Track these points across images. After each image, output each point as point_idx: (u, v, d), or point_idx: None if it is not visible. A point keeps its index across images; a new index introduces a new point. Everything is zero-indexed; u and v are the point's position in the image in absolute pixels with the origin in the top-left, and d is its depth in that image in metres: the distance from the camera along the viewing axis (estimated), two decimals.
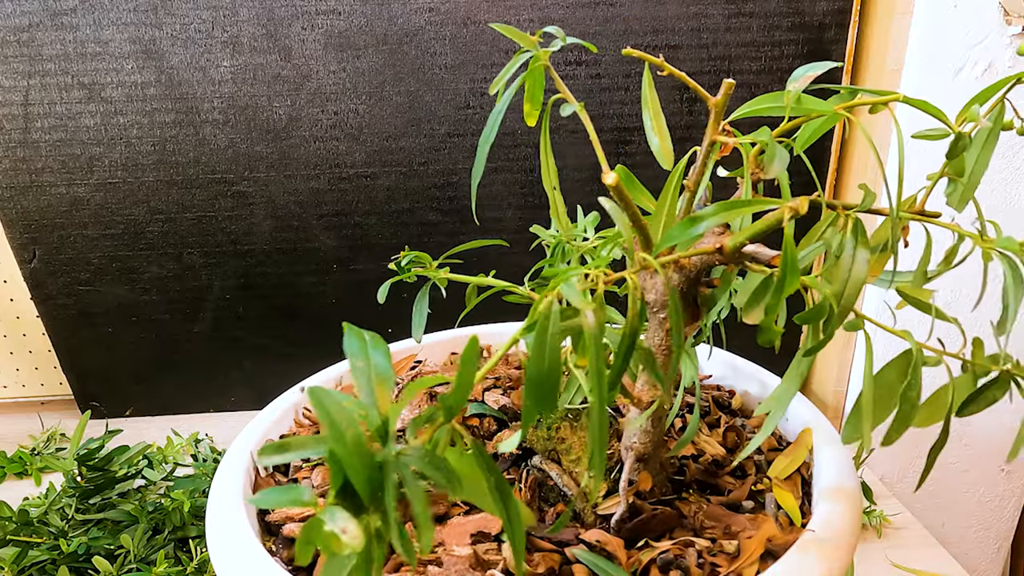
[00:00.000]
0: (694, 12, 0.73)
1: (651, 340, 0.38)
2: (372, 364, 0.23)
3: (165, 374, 0.89)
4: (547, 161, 0.40)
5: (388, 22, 0.73)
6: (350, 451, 0.19)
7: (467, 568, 0.36)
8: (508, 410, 0.50)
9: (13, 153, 0.76)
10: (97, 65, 0.73)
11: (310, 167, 0.79)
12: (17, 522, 0.60)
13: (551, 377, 0.23)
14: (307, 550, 0.20)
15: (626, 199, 0.30)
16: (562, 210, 0.43)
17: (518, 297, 0.46)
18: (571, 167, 0.79)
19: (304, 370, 0.56)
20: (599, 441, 0.24)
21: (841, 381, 0.83)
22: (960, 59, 0.68)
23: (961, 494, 0.85)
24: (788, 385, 0.33)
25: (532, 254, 0.81)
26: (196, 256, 0.82)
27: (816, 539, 0.35)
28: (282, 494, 0.20)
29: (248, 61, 0.74)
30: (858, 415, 0.31)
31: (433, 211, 0.81)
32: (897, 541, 0.68)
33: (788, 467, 0.44)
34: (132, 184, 0.78)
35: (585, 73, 0.75)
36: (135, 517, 0.61)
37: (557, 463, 0.43)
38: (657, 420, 0.39)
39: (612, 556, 0.36)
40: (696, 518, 0.40)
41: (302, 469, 0.47)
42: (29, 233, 0.80)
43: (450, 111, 0.77)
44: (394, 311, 0.66)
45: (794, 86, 0.32)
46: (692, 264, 0.34)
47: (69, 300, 0.83)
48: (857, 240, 0.29)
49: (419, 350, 0.62)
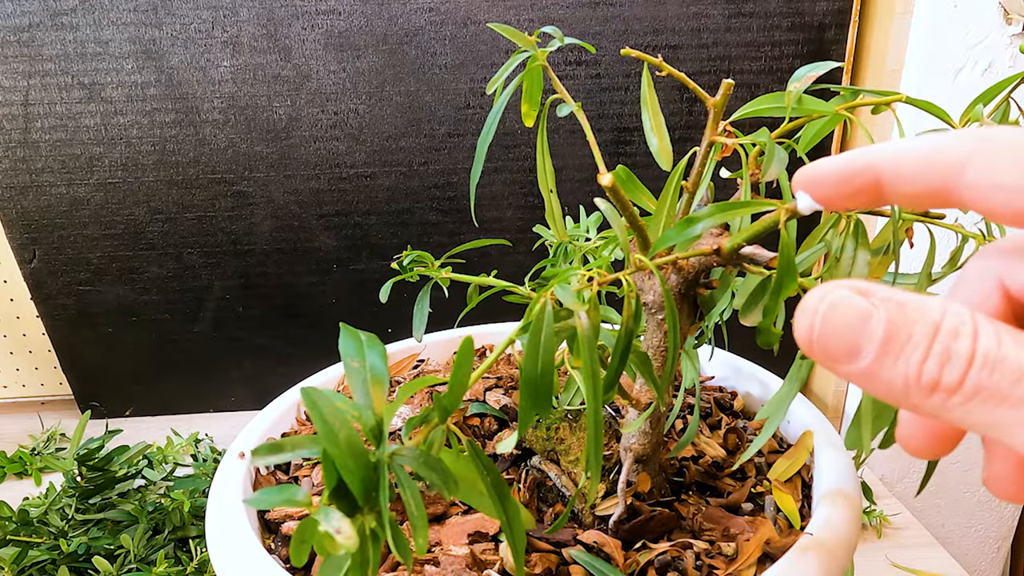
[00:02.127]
0: (694, 12, 0.73)
1: (649, 341, 0.38)
2: (368, 365, 0.23)
3: (165, 374, 0.89)
4: (544, 163, 0.40)
5: (388, 22, 0.73)
6: (344, 451, 0.19)
7: (464, 568, 0.35)
8: (509, 410, 0.50)
9: (13, 153, 0.76)
10: (97, 65, 0.73)
11: (310, 167, 0.79)
12: (17, 522, 0.60)
13: (545, 378, 0.23)
14: (302, 550, 0.20)
15: (622, 200, 0.30)
16: (558, 213, 0.43)
17: (518, 297, 0.46)
18: (571, 167, 0.78)
19: (304, 370, 0.56)
20: (595, 442, 0.24)
21: (841, 382, 0.83)
22: (960, 59, 0.68)
23: (961, 494, 0.84)
24: (788, 388, 0.33)
25: (533, 254, 0.81)
26: (196, 256, 0.82)
27: (814, 542, 0.35)
28: (277, 494, 0.20)
29: (248, 61, 0.74)
30: (859, 423, 0.30)
31: (433, 211, 0.81)
32: (897, 541, 0.67)
33: (788, 470, 0.44)
34: (132, 184, 0.78)
35: (585, 73, 0.75)
36: (135, 517, 0.61)
37: (556, 464, 0.43)
38: (656, 421, 0.39)
39: (609, 557, 0.36)
40: (695, 520, 0.40)
41: (303, 467, 0.47)
42: (29, 233, 0.80)
43: (450, 111, 0.77)
44: (394, 311, 0.66)
45: (795, 86, 0.32)
46: (690, 265, 0.34)
47: (69, 300, 0.83)
48: (858, 242, 0.29)
49: (421, 349, 0.62)
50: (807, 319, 0.17)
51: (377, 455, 0.21)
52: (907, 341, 0.16)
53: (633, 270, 0.28)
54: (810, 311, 0.17)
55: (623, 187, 0.32)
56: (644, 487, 0.40)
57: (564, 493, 0.42)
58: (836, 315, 0.17)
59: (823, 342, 0.17)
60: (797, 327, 0.18)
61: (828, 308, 0.17)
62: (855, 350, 0.17)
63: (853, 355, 0.17)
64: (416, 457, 0.21)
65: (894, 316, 0.16)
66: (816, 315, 0.17)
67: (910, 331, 0.16)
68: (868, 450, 0.31)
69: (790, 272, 0.25)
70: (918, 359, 0.16)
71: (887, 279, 0.35)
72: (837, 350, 0.17)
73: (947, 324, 0.16)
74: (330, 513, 0.19)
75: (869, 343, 0.16)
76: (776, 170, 0.29)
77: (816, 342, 0.17)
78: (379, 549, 0.20)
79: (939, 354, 0.16)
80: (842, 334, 0.17)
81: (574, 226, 0.50)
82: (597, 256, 0.45)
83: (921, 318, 0.16)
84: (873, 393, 0.17)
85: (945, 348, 0.16)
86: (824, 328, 0.17)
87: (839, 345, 0.17)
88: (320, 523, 0.19)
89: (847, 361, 0.17)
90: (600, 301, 0.29)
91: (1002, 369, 0.15)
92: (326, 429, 0.20)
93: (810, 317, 0.17)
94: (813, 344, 0.17)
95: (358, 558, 0.20)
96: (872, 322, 0.16)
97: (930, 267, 0.34)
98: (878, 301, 0.17)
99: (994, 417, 0.15)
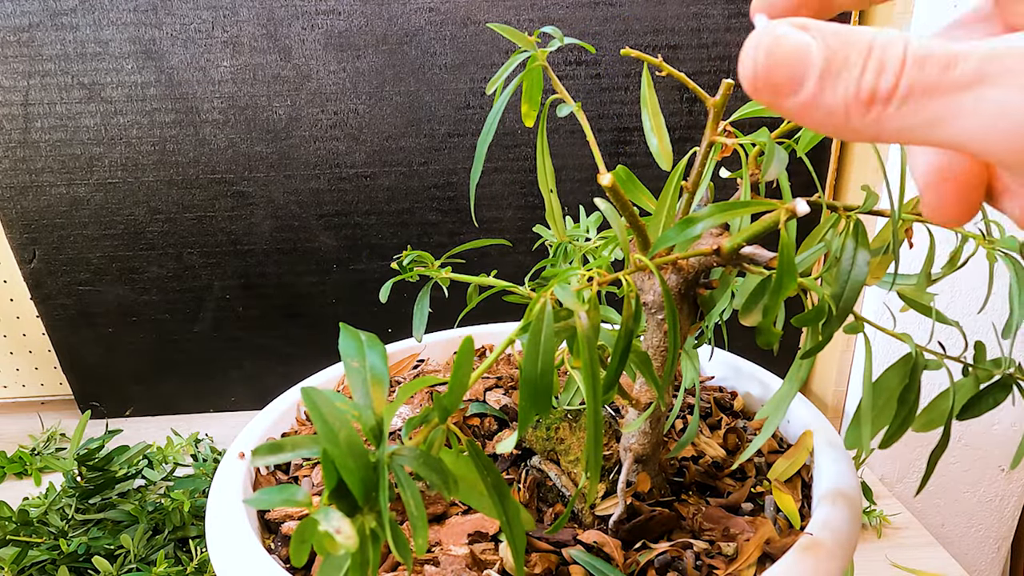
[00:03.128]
0: (694, 12, 0.73)
1: (649, 341, 0.38)
2: (368, 364, 0.23)
3: (165, 374, 0.89)
4: (544, 163, 0.40)
5: (388, 22, 0.73)
6: (343, 451, 0.19)
7: (464, 568, 0.35)
8: (509, 410, 0.50)
9: (13, 153, 0.76)
10: (97, 65, 0.73)
11: (310, 167, 0.79)
12: (17, 522, 0.60)
13: (544, 378, 0.23)
14: (302, 550, 0.20)
15: (622, 200, 0.30)
16: (558, 213, 0.43)
17: (518, 297, 0.46)
18: (572, 167, 0.78)
19: (304, 370, 0.56)
20: (595, 442, 0.24)
21: (841, 382, 0.83)
22: None
23: (961, 494, 0.84)
24: (788, 388, 0.33)
25: (533, 254, 0.81)
26: (196, 256, 0.82)
27: (814, 542, 0.35)
28: (277, 494, 0.20)
29: (248, 61, 0.74)
30: (859, 423, 0.30)
31: (433, 211, 0.81)
32: (897, 541, 0.67)
33: (788, 470, 0.44)
34: (132, 184, 0.78)
35: (585, 73, 0.75)
36: (135, 517, 0.61)
37: (556, 464, 0.43)
38: (655, 421, 0.39)
39: (609, 557, 0.36)
40: (695, 520, 0.40)
41: (303, 467, 0.47)
42: (29, 233, 0.80)
43: (450, 111, 0.77)
44: (394, 311, 0.66)
45: None
46: (690, 265, 0.34)
47: (69, 300, 0.83)
48: (858, 242, 0.29)
49: (422, 349, 0.62)
50: (750, 55, 0.18)
51: (377, 455, 0.21)
52: (844, 64, 0.17)
53: (633, 270, 0.28)
54: (753, 47, 0.18)
55: (623, 187, 0.32)
56: (644, 487, 0.40)
57: (564, 493, 0.42)
58: (779, 48, 0.17)
59: (768, 75, 0.18)
60: (742, 65, 0.18)
61: (771, 41, 0.17)
62: (798, 79, 0.17)
63: (796, 84, 0.17)
64: (416, 457, 0.21)
65: (831, 42, 0.17)
66: (759, 49, 0.18)
67: (847, 54, 0.17)
68: (868, 450, 0.31)
69: (790, 272, 0.25)
70: (855, 76, 0.17)
71: (887, 279, 0.35)
72: (780, 81, 0.17)
73: (879, 40, 0.17)
74: (330, 513, 0.19)
75: (811, 70, 0.17)
76: (776, 170, 0.29)
77: (761, 77, 0.18)
78: (379, 549, 0.20)
79: (874, 67, 0.16)
80: (785, 65, 0.17)
81: (574, 226, 0.50)
82: (597, 256, 0.45)
83: (857, 40, 0.17)
84: (817, 127, 0.18)
85: (878, 59, 0.16)
86: (768, 60, 0.18)
87: (782, 76, 0.17)
88: (320, 523, 0.19)
89: (791, 92, 0.17)
90: (600, 301, 0.29)
91: (931, 62, 0.16)
92: (326, 429, 0.20)
93: (753, 53, 0.18)
94: (758, 79, 0.18)
95: (358, 558, 0.20)
96: (812, 51, 0.17)
97: (930, 267, 0.34)
98: (816, 33, 0.17)
99: (929, 113, 0.16)
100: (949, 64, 0.16)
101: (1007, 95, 0.15)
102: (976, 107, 0.16)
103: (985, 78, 0.16)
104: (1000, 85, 0.15)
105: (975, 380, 0.34)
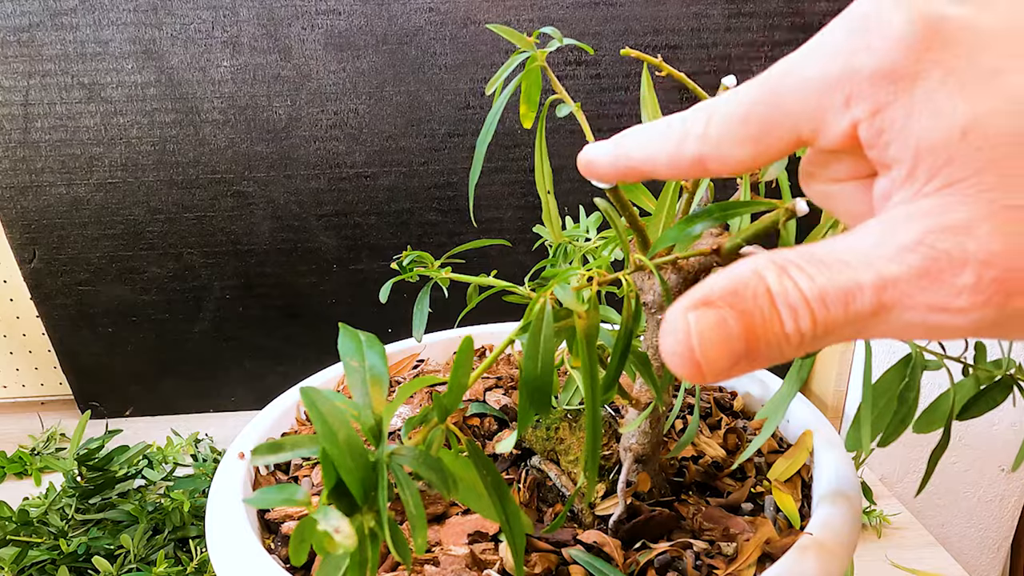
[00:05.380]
0: (694, 12, 0.73)
1: (649, 341, 0.38)
2: (367, 364, 0.23)
3: (165, 374, 0.89)
4: (542, 164, 0.40)
5: (388, 22, 0.73)
6: (343, 451, 0.19)
7: (464, 568, 0.35)
8: (509, 410, 0.50)
9: (13, 153, 0.76)
10: (97, 65, 0.73)
11: (310, 167, 0.79)
12: (17, 522, 0.60)
13: (544, 379, 0.23)
14: (301, 549, 0.20)
15: (622, 200, 0.30)
16: (555, 215, 0.43)
17: (518, 297, 0.46)
18: (571, 167, 0.78)
19: (304, 370, 0.56)
20: (594, 442, 0.24)
21: (841, 381, 0.83)
22: None
23: (961, 494, 0.84)
24: (788, 388, 0.33)
25: (533, 254, 0.81)
26: (196, 256, 0.82)
27: (814, 542, 0.35)
28: (277, 493, 0.20)
29: (248, 61, 0.74)
30: (859, 423, 0.30)
31: (433, 211, 0.81)
32: (897, 541, 0.67)
33: (788, 469, 0.44)
34: (132, 184, 0.78)
35: (585, 73, 0.75)
36: (135, 517, 0.61)
37: (556, 463, 0.43)
38: (655, 421, 0.39)
39: (609, 557, 0.36)
40: (694, 520, 0.40)
41: (302, 467, 0.47)
42: (29, 233, 0.80)
43: (450, 111, 0.77)
44: (394, 311, 0.66)
45: None
46: (690, 265, 0.34)
47: (69, 300, 0.83)
48: None
49: (422, 349, 0.62)
50: (677, 353, 0.18)
51: (376, 455, 0.21)
52: (761, 321, 0.17)
53: (633, 270, 0.28)
54: (673, 345, 0.18)
55: (623, 187, 0.32)
56: (644, 487, 0.40)
57: (564, 493, 0.42)
58: (705, 340, 0.17)
59: (712, 369, 0.18)
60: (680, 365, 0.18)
61: (696, 337, 0.17)
62: (735, 355, 0.17)
63: (736, 359, 0.17)
64: (415, 457, 0.21)
65: (736, 305, 0.17)
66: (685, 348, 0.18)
67: (756, 309, 0.17)
68: (868, 450, 0.31)
69: None
70: (777, 330, 0.17)
71: None
72: (724, 363, 0.18)
73: (774, 286, 0.17)
74: (329, 512, 0.19)
75: (738, 343, 0.17)
76: (776, 170, 0.29)
77: (708, 374, 0.18)
78: (378, 548, 0.20)
79: (788, 315, 0.17)
80: (718, 350, 0.17)
81: (574, 226, 0.50)
82: (597, 256, 0.45)
83: (753, 291, 0.17)
84: (763, 367, 0.18)
85: (786, 305, 0.17)
86: (704, 356, 0.18)
87: (723, 359, 0.17)
88: (319, 522, 0.19)
89: (735, 368, 0.18)
90: (600, 301, 0.29)
91: (830, 299, 0.16)
92: (326, 429, 0.20)
93: (682, 351, 0.18)
94: (705, 376, 0.18)
95: (357, 557, 0.20)
96: (729, 324, 0.17)
97: None
98: (719, 302, 0.17)
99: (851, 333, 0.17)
100: (848, 300, 0.16)
101: (912, 317, 0.16)
102: (888, 326, 0.17)
103: (881, 309, 0.16)
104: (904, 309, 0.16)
105: (975, 380, 0.34)
